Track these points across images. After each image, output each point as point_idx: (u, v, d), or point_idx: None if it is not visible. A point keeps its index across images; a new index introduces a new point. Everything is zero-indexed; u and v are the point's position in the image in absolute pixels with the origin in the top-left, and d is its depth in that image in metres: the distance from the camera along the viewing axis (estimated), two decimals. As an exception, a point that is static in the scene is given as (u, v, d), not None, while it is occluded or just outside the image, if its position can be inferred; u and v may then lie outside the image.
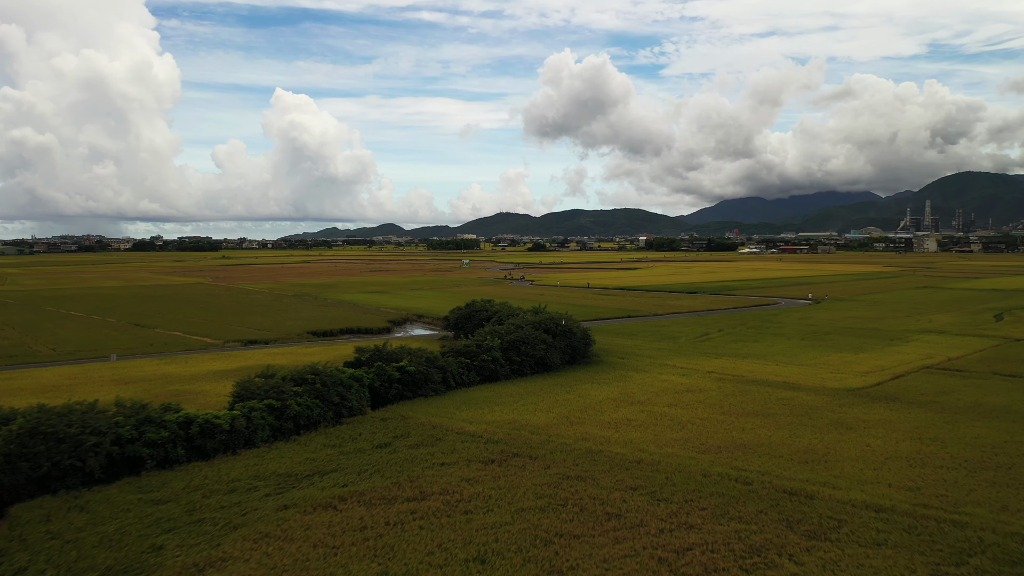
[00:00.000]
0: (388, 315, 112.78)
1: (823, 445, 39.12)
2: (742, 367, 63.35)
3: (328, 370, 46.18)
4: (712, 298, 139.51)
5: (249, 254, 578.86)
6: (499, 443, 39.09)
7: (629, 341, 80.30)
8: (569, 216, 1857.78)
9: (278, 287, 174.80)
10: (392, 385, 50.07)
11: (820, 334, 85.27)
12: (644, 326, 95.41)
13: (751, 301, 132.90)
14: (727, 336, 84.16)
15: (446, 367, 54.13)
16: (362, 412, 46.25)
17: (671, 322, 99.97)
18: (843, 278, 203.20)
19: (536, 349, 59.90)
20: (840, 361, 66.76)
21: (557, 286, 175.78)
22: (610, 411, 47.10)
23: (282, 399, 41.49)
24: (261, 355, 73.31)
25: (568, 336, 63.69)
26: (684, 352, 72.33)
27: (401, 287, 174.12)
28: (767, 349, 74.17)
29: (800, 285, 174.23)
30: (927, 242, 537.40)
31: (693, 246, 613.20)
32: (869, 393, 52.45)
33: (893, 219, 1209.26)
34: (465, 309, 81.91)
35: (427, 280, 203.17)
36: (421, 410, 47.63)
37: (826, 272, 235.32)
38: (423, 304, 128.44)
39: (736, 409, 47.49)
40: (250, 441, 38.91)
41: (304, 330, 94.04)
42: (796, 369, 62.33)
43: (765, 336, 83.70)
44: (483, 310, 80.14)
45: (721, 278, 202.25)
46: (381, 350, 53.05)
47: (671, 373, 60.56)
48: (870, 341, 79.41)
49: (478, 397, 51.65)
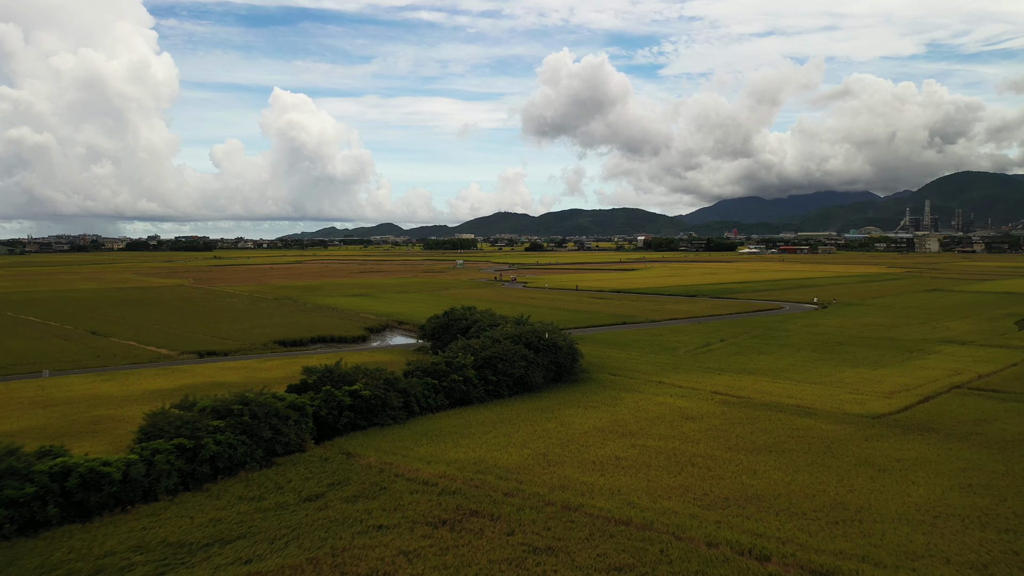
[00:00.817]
0: (368, 321, 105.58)
1: (854, 496, 31.90)
2: (749, 386, 56.12)
3: (262, 398, 38.90)
4: (713, 302, 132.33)
5: (242, 254, 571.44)
6: (456, 494, 31.83)
7: (623, 353, 73.06)
8: (568, 216, 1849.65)
9: (260, 290, 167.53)
10: (342, 413, 42.84)
11: (832, 344, 78.04)
12: (640, 335, 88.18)
13: (754, 306, 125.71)
14: (730, 347, 76.93)
15: (409, 390, 46.88)
16: (301, 448, 39.00)
17: (669, 330, 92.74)
18: (847, 280, 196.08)
19: (515, 367, 52.65)
20: (858, 378, 59.54)
21: (546, 288, 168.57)
22: (596, 446, 39.86)
23: (197, 437, 34.25)
24: (213, 370, 66.03)
25: (552, 351, 56.46)
26: (683, 367, 65.09)
27: (388, 289, 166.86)
28: (775, 363, 66.94)
29: (804, 288, 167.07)
30: (929, 242, 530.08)
31: (692, 246, 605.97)
32: (898, 421, 45.19)
33: (892, 219, 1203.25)
34: (443, 318, 74.68)
35: (417, 282, 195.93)
36: (373, 444, 40.37)
37: (829, 273, 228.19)
38: (407, 309, 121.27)
39: (745, 443, 40.26)
40: (150, 492, 31.66)
41: (271, 339, 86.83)
42: (810, 389, 55.08)
43: (772, 347, 76.47)
44: (462, 319, 72.91)
45: (721, 280, 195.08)
46: (332, 371, 45.81)
47: (669, 394, 53.30)
48: (888, 353, 72.17)
49: (444, 426, 44.38)
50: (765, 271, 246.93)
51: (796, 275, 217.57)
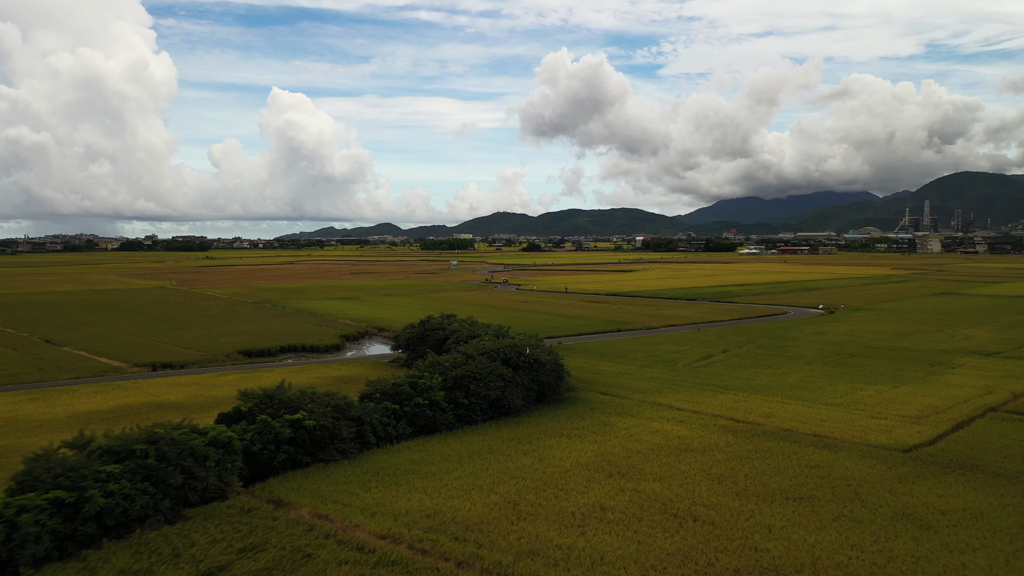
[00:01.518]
0: (346, 328, 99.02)
1: (896, 568, 25.37)
2: (757, 407, 49.54)
3: (176, 433, 32.33)
4: (713, 307, 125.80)
5: (236, 254, 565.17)
6: (395, 567, 25.28)
7: (616, 366, 66.49)
8: (567, 216, 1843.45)
9: (242, 292, 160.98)
10: (280, 448, 36.28)
11: (845, 356, 71.48)
12: (635, 344, 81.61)
13: (757, 310, 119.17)
14: (734, 359, 70.37)
15: (363, 417, 40.28)
16: (223, 495, 32.44)
17: (667, 338, 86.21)
18: (852, 282, 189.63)
19: (490, 388, 46.05)
20: (878, 398, 53.00)
21: (535, 290, 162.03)
22: (578, 490, 33.32)
23: (81, 487, 27.70)
24: (159, 387, 59.41)
25: (534, 368, 49.85)
26: (682, 383, 58.52)
27: (375, 292, 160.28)
28: (784, 378, 60.38)
29: (807, 291, 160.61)
30: (931, 243, 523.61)
31: (691, 246, 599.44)
32: (933, 456, 38.62)
33: (891, 219, 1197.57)
34: (419, 327, 68.07)
35: (407, 284, 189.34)
36: (312, 488, 33.80)
37: (832, 275, 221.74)
38: (391, 314, 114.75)
39: (756, 487, 33.73)
40: (9, 564, 25.09)
41: (237, 348, 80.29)
42: (826, 412, 48.48)
43: (779, 359, 69.90)
44: (439, 328, 66.33)
45: (721, 282, 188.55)
46: (272, 395, 39.18)
47: (666, 418, 46.71)
48: (907, 367, 65.61)
49: (401, 462, 37.78)
50: (766, 273, 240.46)
51: (798, 277, 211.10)
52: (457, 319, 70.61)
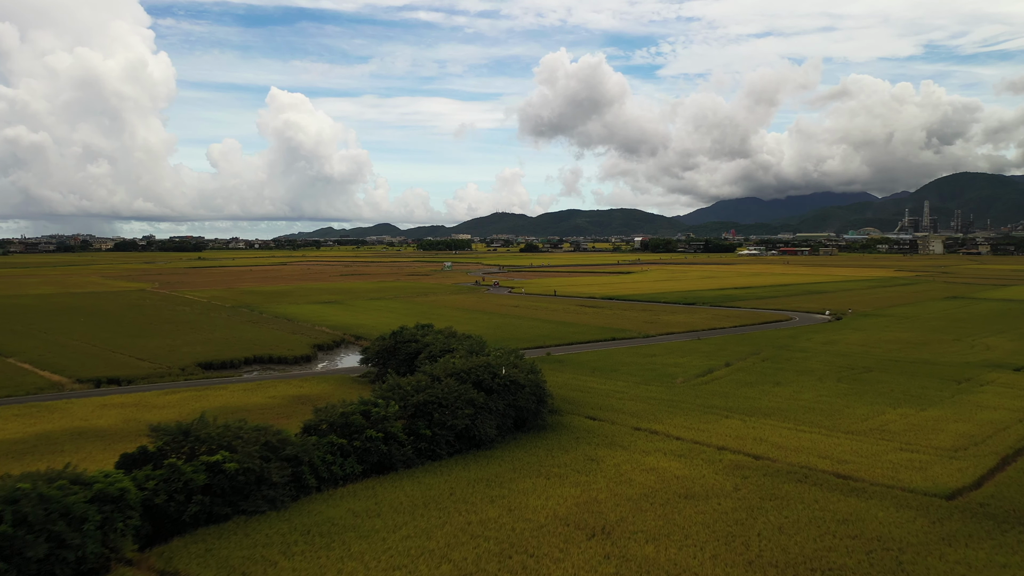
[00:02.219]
0: (321, 336, 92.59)
1: None
2: (767, 436, 43.00)
3: (49, 487, 25.80)
4: (714, 312, 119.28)
5: (229, 255, 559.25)
6: None
7: (607, 383, 59.97)
8: (565, 216, 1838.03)
9: (223, 296, 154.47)
10: (192, 499, 29.74)
11: (860, 370, 64.97)
12: (630, 355, 75.09)
13: (760, 316, 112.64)
14: (738, 374, 63.84)
15: (301, 456, 33.75)
16: (105, 566, 25.93)
17: (665, 349, 79.71)
18: (856, 285, 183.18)
19: (458, 416, 39.51)
20: (904, 423, 46.52)
21: (522, 293, 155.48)
22: (551, 557, 26.79)
23: None
24: (91, 408, 52.78)
25: (512, 392, 43.27)
26: (682, 404, 52.01)
27: (362, 295, 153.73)
28: (796, 398, 53.88)
29: (811, 294, 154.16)
30: (933, 244, 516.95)
31: (690, 247, 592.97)
32: (984, 507, 32.01)
33: (890, 220, 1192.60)
34: (390, 339, 61.51)
35: (396, 287, 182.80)
36: (221, 553, 27.25)
37: (835, 277, 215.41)
38: (373, 320, 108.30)
39: (773, 552, 27.19)
40: None
41: (198, 360, 73.80)
42: (847, 442, 41.94)
43: (788, 374, 63.38)
44: (412, 341, 59.82)
45: (722, 285, 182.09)
46: (190, 432, 32.59)
47: (663, 451, 40.15)
48: (930, 384, 59.13)
49: (340, 515, 31.20)
50: (767, 275, 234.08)
51: (801, 280, 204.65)
52: (433, 330, 64.13)
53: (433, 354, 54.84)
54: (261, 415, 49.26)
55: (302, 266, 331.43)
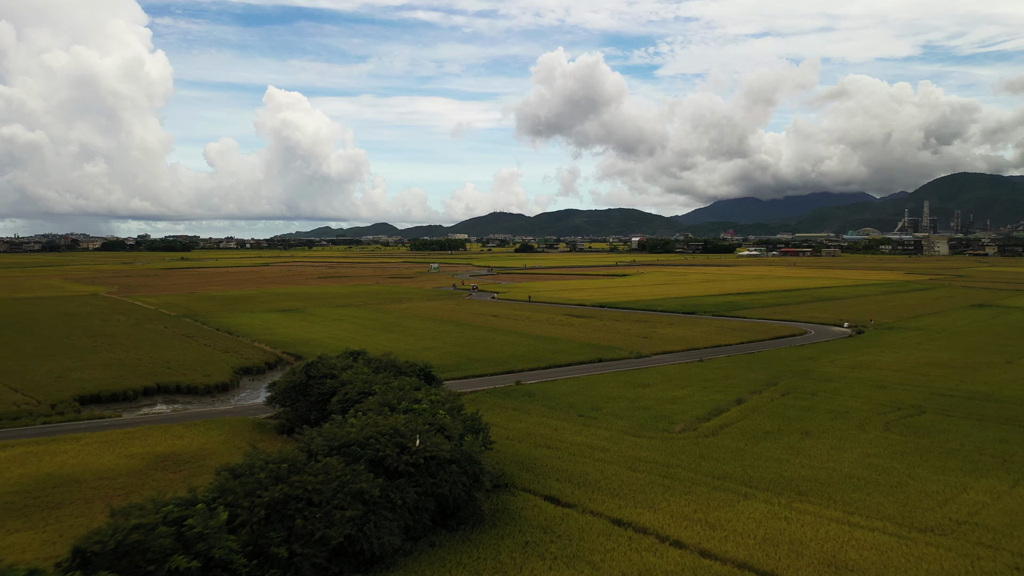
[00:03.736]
0: (256, 355, 78.59)
1: None
2: (808, 538, 28.94)
3: None
4: (717, 324, 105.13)
5: (216, 255, 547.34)
6: None
7: (585, 433, 45.71)
8: (563, 216, 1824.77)
9: (177, 302, 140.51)
10: None
11: (909, 412, 50.80)
12: (618, 385, 60.91)
13: (769, 329, 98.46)
14: (754, 417, 49.66)
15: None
16: None
17: (661, 375, 65.54)
18: (869, 290, 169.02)
19: (336, 521, 25.41)
20: (1000, 509, 32.45)
21: (504, 299, 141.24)
22: None
23: None
24: None
25: (431, 472, 29.15)
26: (681, 472, 37.84)
27: (328, 302, 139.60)
28: (836, 462, 39.65)
29: (823, 301, 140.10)
30: (937, 245, 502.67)
31: (688, 248, 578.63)
32: None
33: (889, 220, 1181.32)
34: (301, 374, 47.14)
35: (370, 292, 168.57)
36: None
37: (844, 281, 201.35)
38: (326, 333, 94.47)
39: None
40: None
41: (85, 391, 59.80)
42: (933, 556, 27.76)
43: (818, 417, 49.21)
44: (328, 376, 45.61)
45: (723, 290, 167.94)
46: None
47: (656, 573, 26.04)
48: (1012, 436, 44.94)
49: None
50: (771, 278, 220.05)
51: (808, 284, 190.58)
52: (363, 360, 50.15)
53: (349, 398, 40.85)
54: (96, 489, 35.32)
55: (284, 267, 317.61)
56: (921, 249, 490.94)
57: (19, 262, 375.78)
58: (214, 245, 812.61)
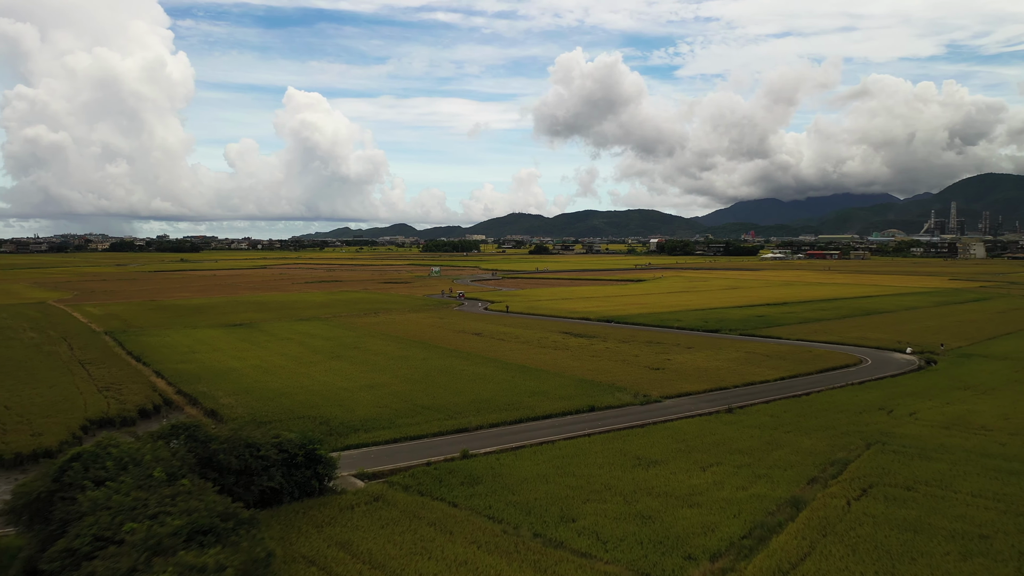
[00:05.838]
0: (139, 395, 59.63)
1: None
2: None
3: None
4: (747, 347, 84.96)
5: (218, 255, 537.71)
6: None
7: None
8: (583, 217, 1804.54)
9: (126, 312, 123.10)
10: None
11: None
12: (609, 464, 41.02)
13: (814, 356, 78.13)
14: (827, 549, 29.62)
15: None
16: None
17: (674, 441, 45.61)
18: (917, 300, 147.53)
19: None
20: None
21: (499, 310, 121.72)
22: None
23: None
24: None
25: None
26: None
27: (293, 313, 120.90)
28: None
29: (868, 314, 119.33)
30: (974, 247, 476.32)
31: (709, 249, 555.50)
32: None
33: (913, 221, 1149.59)
34: (48, 481, 27.69)
35: (350, 300, 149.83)
36: None
37: (884, 288, 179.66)
38: (259, 360, 76.09)
39: None
40: None
41: None
42: None
43: (935, 550, 29.16)
44: (79, 487, 26.19)
45: (750, 299, 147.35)
46: None
47: None
48: None
49: None
50: (801, 284, 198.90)
51: (845, 291, 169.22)
52: (192, 435, 30.95)
53: (101, 527, 21.73)
54: None
55: (280, 270, 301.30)
56: (955, 252, 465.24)
57: (10, 263, 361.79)
58: (226, 246, 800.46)
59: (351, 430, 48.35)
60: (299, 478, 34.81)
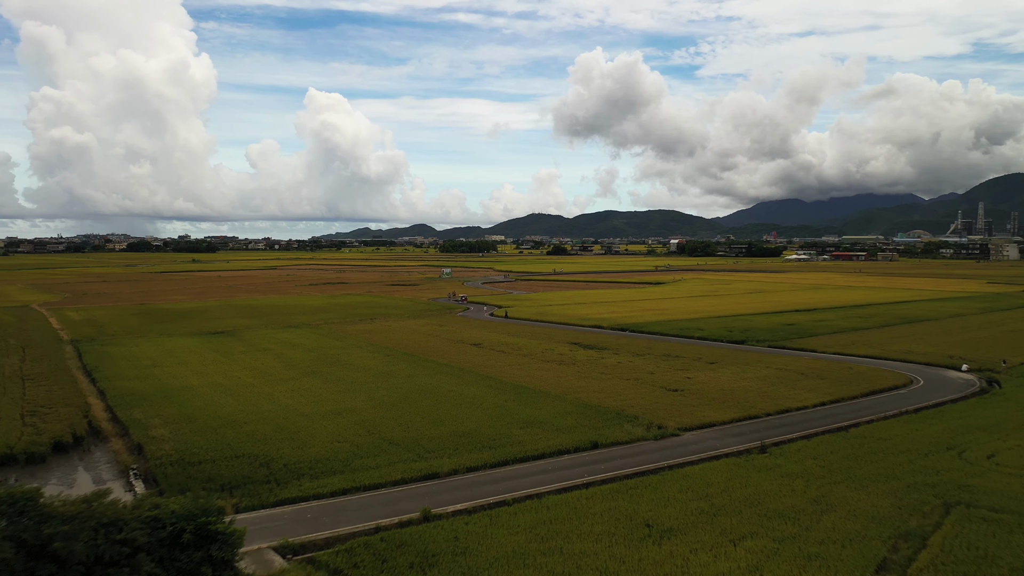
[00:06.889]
0: (66, 420, 50.84)
1: None
2: None
3: None
4: (777, 361, 74.89)
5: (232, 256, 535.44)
6: None
7: None
8: (603, 217, 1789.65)
9: (109, 316, 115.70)
10: None
11: None
12: (608, 534, 31.52)
13: (856, 375, 67.98)
14: None
15: None
16: None
17: (693, 497, 36.02)
18: (960, 306, 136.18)
19: None
20: None
21: (504, 316, 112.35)
22: None
23: None
24: None
25: None
26: None
27: (281, 320, 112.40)
28: None
29: (909, 323, 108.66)
30: (1007, 249, 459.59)
31: (731, 250, 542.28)
32: None
33: (939, 222, 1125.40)
34: None
35: (348, 305, 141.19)
36: None
37: (920, 293, 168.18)
38: (225, 375, 67.48)
39: None
40: None
41: None
42: None
43: None
44: None
45: (777, 304, 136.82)
46: None
47: None
48: None
49: None
50: (830, 288, 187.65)
51: (879, 296, 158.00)
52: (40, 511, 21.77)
53: None
54: None
55: (288, 271, 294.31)
56: (987, 253, 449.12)
57: (21, 264, 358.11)
58: (244, 246, 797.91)
59: (294, 475, 39.19)
60: (184, 565, 25.50)
